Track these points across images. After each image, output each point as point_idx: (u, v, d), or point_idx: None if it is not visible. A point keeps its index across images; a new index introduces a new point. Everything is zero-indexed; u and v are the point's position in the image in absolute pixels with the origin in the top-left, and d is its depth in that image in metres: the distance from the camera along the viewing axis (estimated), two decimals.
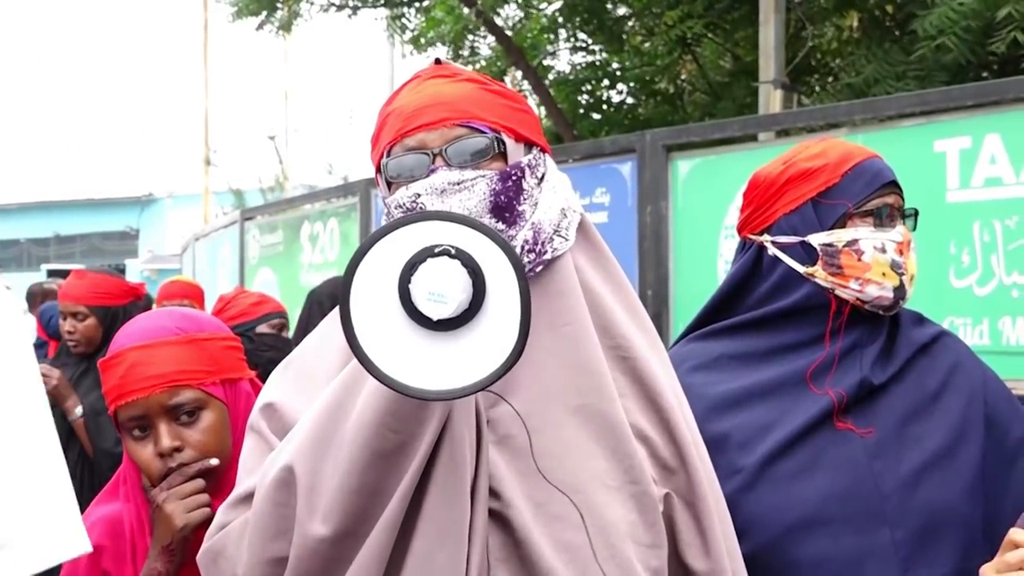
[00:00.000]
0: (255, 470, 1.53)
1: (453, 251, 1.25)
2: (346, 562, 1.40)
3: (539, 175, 1.58)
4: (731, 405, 1.95)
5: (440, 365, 1.26)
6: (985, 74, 7.27)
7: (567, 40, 11.11)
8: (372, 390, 1.38)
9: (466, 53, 10.90)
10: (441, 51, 10.82)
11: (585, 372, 1.52)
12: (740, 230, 2.12)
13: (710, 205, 5.33)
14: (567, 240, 1.57)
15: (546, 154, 1.63)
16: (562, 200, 1.59)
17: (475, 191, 1.51)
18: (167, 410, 1.91)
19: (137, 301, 4.45)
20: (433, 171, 1.52)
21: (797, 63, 8.42)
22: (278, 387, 1.62)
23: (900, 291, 1.97)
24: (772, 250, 2.02)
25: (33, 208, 39.04)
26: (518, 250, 1.51)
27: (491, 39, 10.73)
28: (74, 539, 1.39)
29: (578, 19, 10.35)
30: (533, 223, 1.54)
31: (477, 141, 1.54)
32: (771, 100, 7.44)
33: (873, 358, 1.97)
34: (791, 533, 1.85)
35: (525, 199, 1.54)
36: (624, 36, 10.50)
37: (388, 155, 1.57)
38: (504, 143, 1.55)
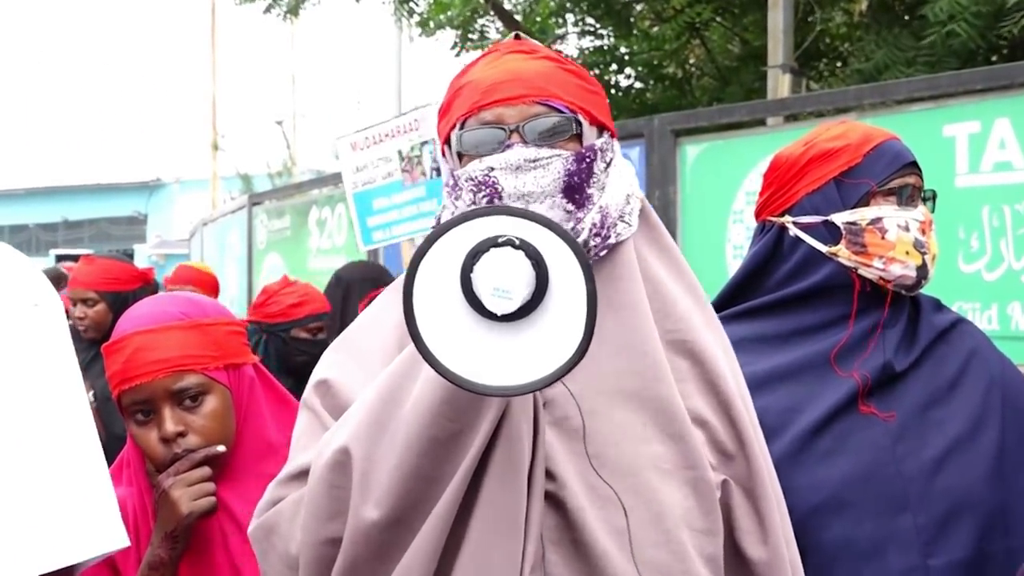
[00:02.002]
0: (309, 447, 1.52)
1: (517, 242, 1.23)
2: (399, 548, 1.39)
3: (608, 160, 1.56)
4: (755, 388, 1.93)
5: (501, 359, 1.25)
6: (995, 58, 7.24)
7: (575, 24, 11.09)
8: (429, 378, 1.37)
9: (475, 37, 10.88)
10: (449, 35, 10.80)
11: (642, 356, 1.51)
12: (759, 213, 2.11)
13: (718, 190, 5.32)
14: (630, 226, 1.55)
15: (614, 140, 1.61)
16: (627, 186, 1.58)
17: (550, 170, 1.49)
18: (171, 395, 1.90)
19: (146, 286, 4.45)
20: (508, 146, 1.50)
21: (806, 48, 8.40)
22: (332, 364, 1.61)
23: (923, 270, 1.96)
24: (794, 231, 2.01)
25: (41, 193, 39.08)
26: (586, 233, 1.50)
27: (499, 23, 10.71)
28: (112, 533, 1.39)
29: (586, 3, 10.32)
30: (601, 207, 1.52)
31: (555, 120, 1.52)
32: (779, 85, 7.42)
33: (896, 342, 1.97)
34: (815, 516, 1.85)
35: (594, 182, 1.53)
36: (632, 20, 10.47)
37: (461, 127, 1.55)
38: (580, 124, 1.54)
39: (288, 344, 4.18)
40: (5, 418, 1.28)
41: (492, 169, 1.50)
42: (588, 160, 1.52)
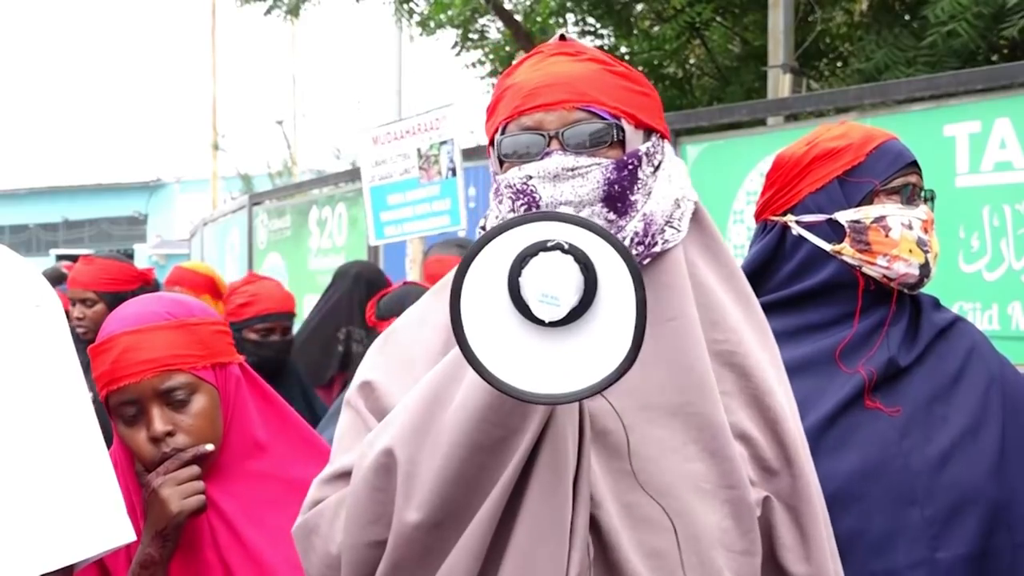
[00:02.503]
0: (352, 448, 1.50)
1: (566, 246, 1.20)
2: (442, 551, 1.38)
3: (655, 163, 1.52)
4: None
5: (548, 366, 1.23)
6: (995, 58, 7.24)
7: (576, 24, 11.08)
8: (473, 381, 1.33)
9: (475, 37, 10.88)
10: (449, 35, 10.80)
11: (686, 370, 1.47)
12: (760, 214, 2.11)
13: (719, 189, 5.32)
14: (679, 231, 1.51)
15: (665, 140, 1.57)
16: (677, 190, 1.53)
17: (589, 179, 1.46)
18: (159, 394, 1.91)
19: (145, 286, 4.40)
20: (548, 154, 1.48)
21: (806, 47, 8.39)
22: (375, 366, 1.58)
23: (925, 268, 1.98)
24: (797, 229, 2.02)
25: (42, 193, 39.07)
26: (627, 242, 1.47)
27: (499, 23, 10.71)
28: (118, 528, 1.39)
29: (587, 3, 10.32)
30: (645, 214, 1.48)
31: (595, 127, 1.48)
32: (780, 85, 7.42)
33: (899, 338, 1.98)
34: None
35: (639, 189, 1.49)
36: (633, 20, 10.47)
37: (503, 132, 1.53)
38: (623, 130, 1.50)
39: (239, 345, 4.12)
40: (11, 417, 1.29)
41: (530, 178, 1.47)
42: (631, 167, 1.48)
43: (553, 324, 1.21)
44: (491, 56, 11.00)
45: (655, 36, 10.22)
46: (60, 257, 19.20)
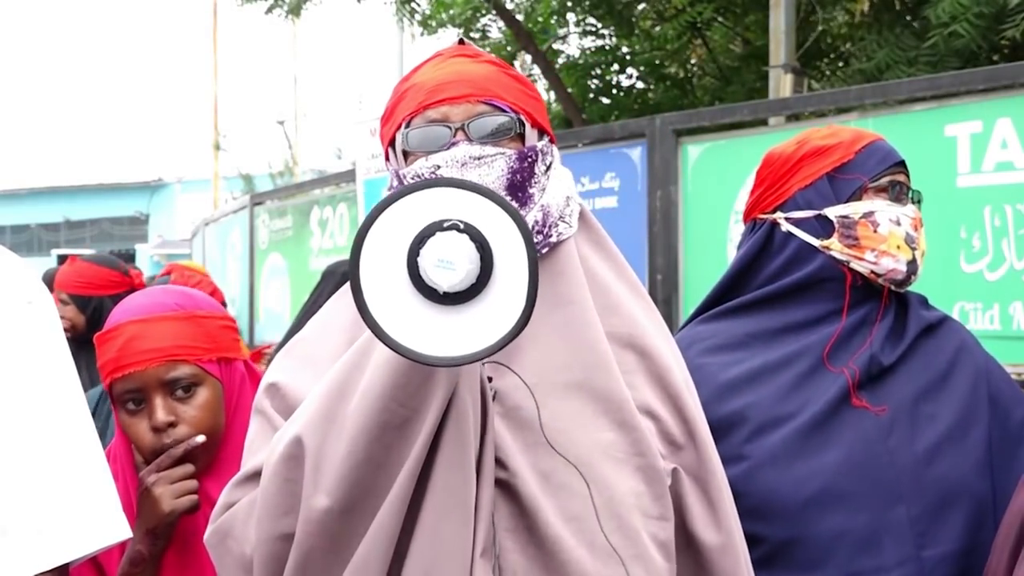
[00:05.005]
0: (261, 450, 1.52)
1: (462, 225, 1.26)
2: (352, 537, 1.40)
3: (548, 163, 1.61)
4: (746, 383, 1.96)
5: (448, 335, 1.28)
6: (996, 58, 7.23)
7: (577, 24, 11.09)
8: (379, 364, 1.39)
9: (476, 37, 10.87)
10: (451, 34, 10.79)
11: (588, 349, 1.54)
12: (748, 213, 2.12)
13: (720, 189, 5.32)
14: (571, 227, 1.60)
15: (553, 145, 1.66)
16: (566, 189, 1.62)
17: (494, 167, 1.54)
18: (163, 384, 1.91)
19: (131, 291, 4.25)
20: (453, 144, 1.55)
21: (807, 47, 8.39)
22: (282, 368, 1.62)
23: (913, 265, 1.99)
24: (786, 226, 2.03)
25: (43, 193, 39.08)
26: None
27: (501, 23, 10.71)
28: (113, 525, 1.38)
29: (588, 3, 10.32)
30: (542, 206, 1.57)
31: (499, 119, 1.57)
32: (781, 84, 7.41)
33: (884, 336, 1.99)
34: (809, 508, 1.87)
35: (535, 183, 1.57)
36: (634, 20, 10.46)
37: (407, 126, 1.59)
38: (523, 124, 1.59)
39: None
40: (3, 414, 1.28)
41: (438, 167, 1.53)
42: (530, 159, 1.57)
43: (452, 299, 1.26)
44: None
45: (656, 36, 10.22)
46: (62, 258, 19.18)
